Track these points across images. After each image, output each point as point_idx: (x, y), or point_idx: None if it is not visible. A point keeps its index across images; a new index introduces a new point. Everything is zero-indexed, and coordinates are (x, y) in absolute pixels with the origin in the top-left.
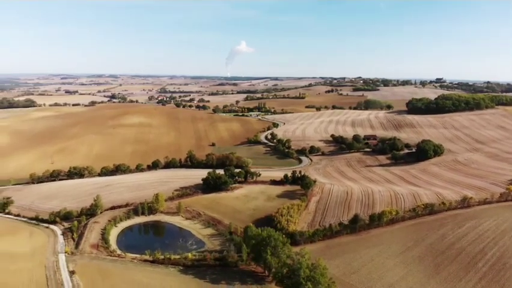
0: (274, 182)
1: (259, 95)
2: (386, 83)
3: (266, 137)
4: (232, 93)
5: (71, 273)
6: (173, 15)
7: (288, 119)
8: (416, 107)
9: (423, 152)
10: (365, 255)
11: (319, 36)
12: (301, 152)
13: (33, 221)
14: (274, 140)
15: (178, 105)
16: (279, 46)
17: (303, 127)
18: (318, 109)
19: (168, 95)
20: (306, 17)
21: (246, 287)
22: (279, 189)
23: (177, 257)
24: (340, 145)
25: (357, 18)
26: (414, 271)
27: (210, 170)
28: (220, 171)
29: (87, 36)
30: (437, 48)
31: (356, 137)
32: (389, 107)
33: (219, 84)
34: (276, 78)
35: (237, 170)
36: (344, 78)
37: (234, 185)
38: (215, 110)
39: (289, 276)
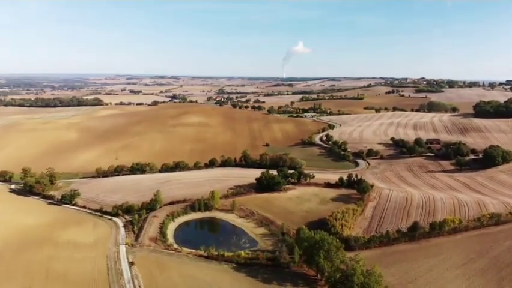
0: (328, 185)
1: (314, 96)
2: (451, 84)
3: (321, 139)
4: (287, 94)
5: (131, 264)
6: (233, 17)
7: (344, 121)
8: (484, 110)
9: (491, 158)
10: (424, 264)
11: (381, 36)
12: (358, 155)
13: (98, 213)
14: (330, 142)
15: (234, 106)
16: (338, 46)
17: (361, 129)
18: (378, 111)
19: (225, 95)
20: (369, 16)
21: None
22: (333, 192)
23: (230, 254)
24: (400, 149)
25: (423, 17)
26: (476, 284)
27: (264, 170)
28: (274, 172)
29: (151, 39)
30: (508, 48)
31: (417, 141)
32: (454, 109)
33: (275, 85)
34: (333, 79)
35: (290, 171)
36: (406, 78)
37: (287, 186)
38: (270, 111)
39: (343, 282)
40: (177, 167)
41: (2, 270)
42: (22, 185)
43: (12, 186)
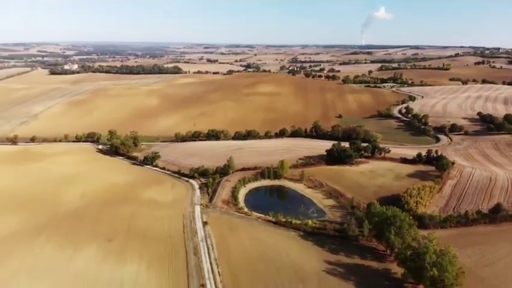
0: (404, 160)
1: (395, 65)
2: None
3: (400, 111)
4: (365, 63)
5: (204, 223)
6: None
7: (427, 92)
8: None
9: None
10: (503, 248)
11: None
12: (440, 129)
13: (176, 175)
14: (409, 115)
15: (307, 75)
16: (423, 11)
17: (445, 102)
18: (465, 83)
19: (299, 64)
20: None
21: (365, 261)
22: (409, 168)
23: (298, 222)
24: (488, 125)
25: None
26: None
27: (335, 141)
28: (346, 144)
29: (227, 8)
30: None
31: (507, 117)
32: None
33: (352, 53)
34: (416, 47)
35: (364, 144)
36: (499, 48)
37: (359, 159)
38: (345, 81)
39: (413, 259)
40: (249, 135)
41: (89, 223)
42: (108, 146)
43: (100, 147)
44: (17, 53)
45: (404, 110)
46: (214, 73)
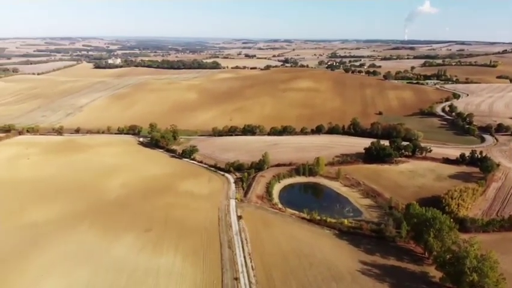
0: (447, 160)
1: (439, 61)
2: None
3: (443, 109)
4: (407, 58)
5: (239, 217)
6: None
7: (472, 90)
8: None
9: None
10: None
11: None
12: (485, 129)
13: (212, 168)
14: (453, 113)
15: (346, 71)
16: (470, 5)
17: (491, 101)
18: None
19: (338, 59)
20: None
21: (401, 263)
22: (451, 169)
23: (333, 220)
24: None
25: None
26: None
27: (374, 139)
28: (385, 142)
29: (267, 3)
30: None
31: None
32: None
33: (394, 48)
34: (462, 43)
35: (404, 143)
36: None
37: (399, 158)
38: (386, 76)
39: (453, 263)
40: (284, 131)
41: (128, 213)
42: (149, 139)
43: (141, 139)
44: (64, 47)
45: (447, 108)
46: (251, 68)
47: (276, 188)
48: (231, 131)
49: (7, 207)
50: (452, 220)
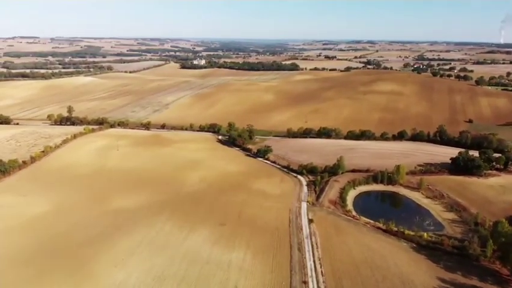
0: None
1: None
2: None
3: None
4: (503, 63)
5: (310, 221)
6: None
7: None
8: None
9: None
10: None
11: None
12: None
13: (285, 169)
14: None
15: (434, 74)
16: None
17: None
18: None
19: (425, 62)
20: None
21: (484, 285)
22: None
23: (411, 233)
24: None
25: None
26: None
27: (462, 149)
28: (474, 153)
29: (351, 3)
30: None
31: None
32: None
33: (488, 52)
34: None
35: (496, 155)
36: None
37: (489, 171)
38: (478, 82)
39: None
40: (363, 135)
41: (205, 206)
42: (227, 137)
43: (220, 137)
44: (154, 47)
45: None
46: (330, 70)
47: (351, 195)
48: (306, 133)
49: (97, 194)
50: None
